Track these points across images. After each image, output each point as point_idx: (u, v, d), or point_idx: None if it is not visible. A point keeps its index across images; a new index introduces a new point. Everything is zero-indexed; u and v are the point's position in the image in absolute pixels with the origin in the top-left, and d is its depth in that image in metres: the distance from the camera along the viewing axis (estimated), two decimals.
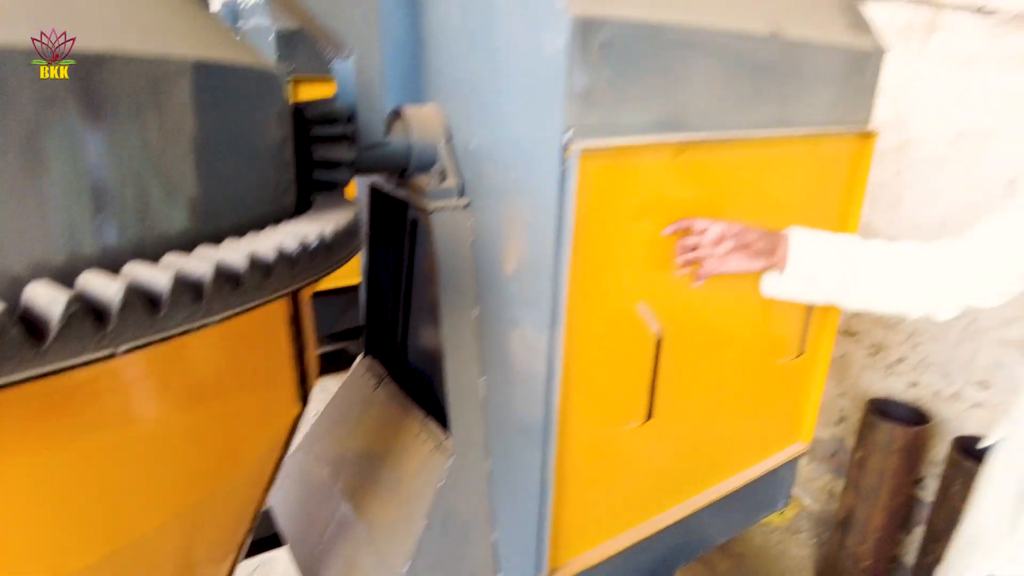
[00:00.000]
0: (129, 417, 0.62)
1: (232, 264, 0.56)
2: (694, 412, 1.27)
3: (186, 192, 0.62)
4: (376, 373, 1.48)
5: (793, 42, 1.13)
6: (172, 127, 0.61)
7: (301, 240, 0.65)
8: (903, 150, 2.24)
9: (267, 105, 0.77)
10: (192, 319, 0.53)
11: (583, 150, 0.87)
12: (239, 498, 0.83)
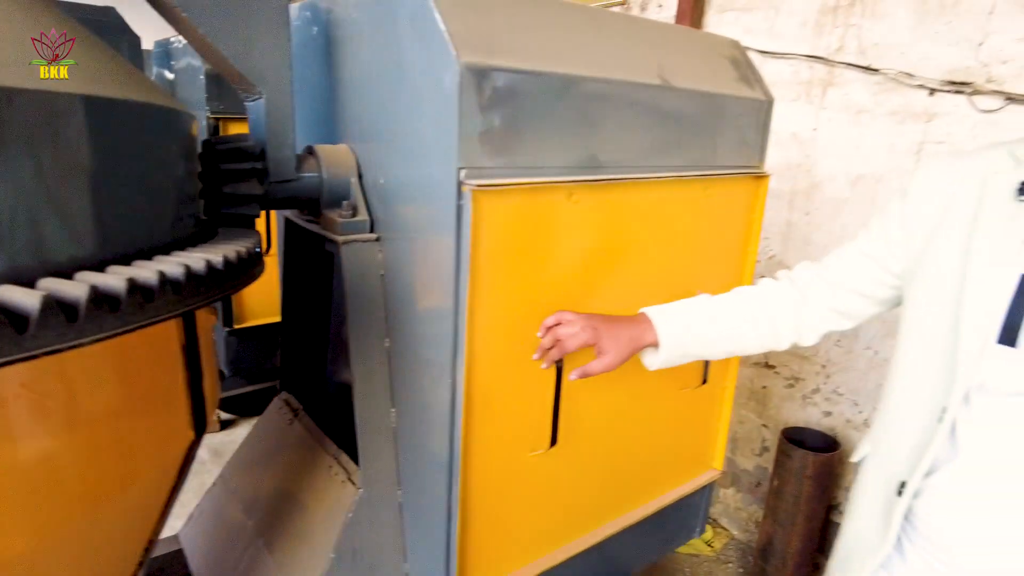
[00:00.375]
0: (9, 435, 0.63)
1: (110, 287, 0.59)
2: (600, 439, 1.32)
3: (81, 224, 0.65)
4: (292, 407, 1.48)
5: (684, 91, 1.23)
6: (66, 160, 0.63)
7: (185, 266, 0.68)
8: (811, 192, 2.40)
9: (167, 141, 0.80)
10: (63, 339, 0.55)
11: (476, 188, 0.93)
12: (130, 524, 0.83)
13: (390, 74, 1.07)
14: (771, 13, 2.44)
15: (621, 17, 1.25)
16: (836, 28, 2.25)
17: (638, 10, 2.97)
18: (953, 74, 1.96)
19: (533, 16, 1.08)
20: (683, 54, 1.28)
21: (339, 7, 1.20)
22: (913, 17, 2.04)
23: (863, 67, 2.18)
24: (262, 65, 1.06)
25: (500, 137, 0.97)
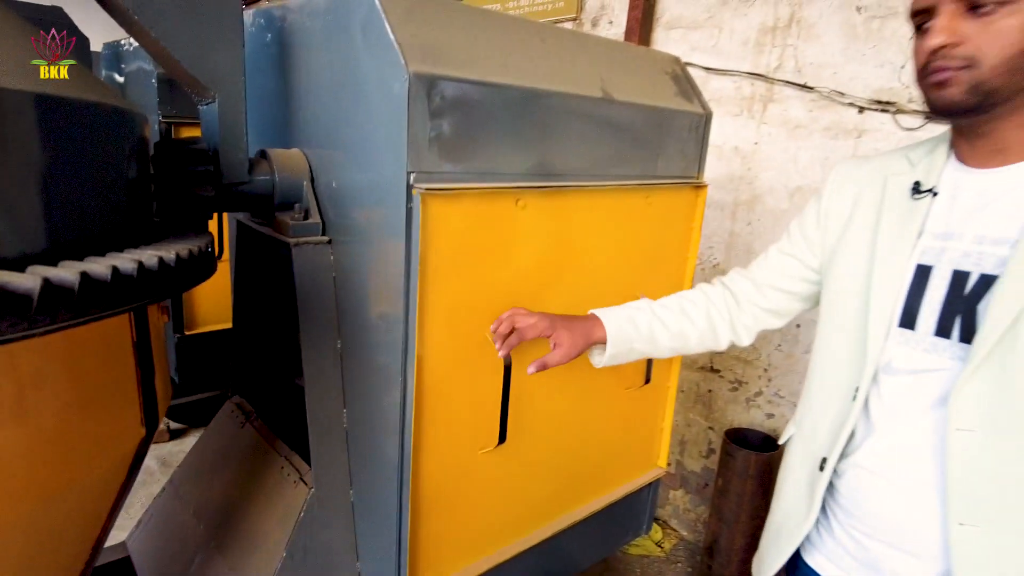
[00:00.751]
0: None
1: (63, 279, 0.60)
2: (548, 437, 1.36)
3: (31, 220, 0.66)
4: (244, 411, 1.48)
5: (625, 104, 1.29)
6: (16, 157, 0.65)
7: (138, 261, 0.70)
8: (753, 203, 2.51)
9: (119, 140, 0.82)
10: (14, 330, 0.56)
11: (426, 191, 0.97)
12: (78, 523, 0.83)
13: (342, 81, 1.11)
14: (715, 32, 2.56)
15: (565, 32, 1.31)
16: (775, 47, 2.37)
17: (589, 26, 3.06)
18: (879, 94, 2.10)
19: (482, 29, 1.13)
20: (625, 69, 1.35)
21: (292, 15, 1.22)
22: (843, 40, 2.17)
23: (800, 85, 2.30)
24: (215, 69, 1.07)
25: (449, 143, 1.02)
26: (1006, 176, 0.85)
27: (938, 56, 0.81)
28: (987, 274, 0.84)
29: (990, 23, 0.78)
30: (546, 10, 3.18)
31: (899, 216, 0.94)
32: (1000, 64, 0.79)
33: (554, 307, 1.24)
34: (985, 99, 0.81)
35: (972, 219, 0.88)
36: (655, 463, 1.72)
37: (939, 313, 0.88)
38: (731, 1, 2.49)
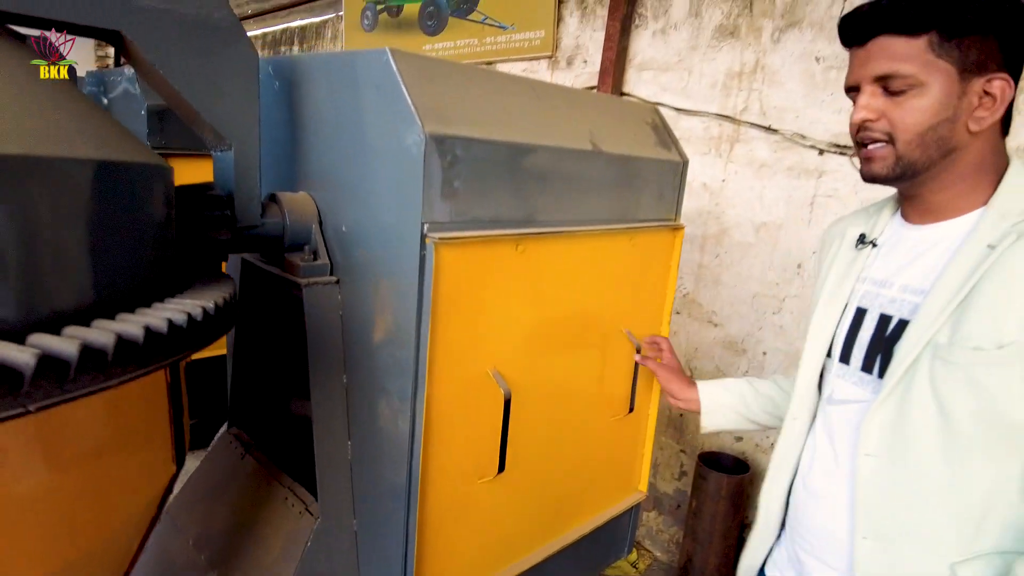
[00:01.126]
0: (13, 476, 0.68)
1: (131, 334, 0.66)
2: (540, 465, 1.44)
3: (77, 270, 0.71)
4: (242, 443, 1.52)
5: (612, 155, 1.40)
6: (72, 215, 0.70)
7: (188, 313, 0.75)
8: (721, 237, 2.65)
9: (155, 193, 0.88)
10: (95, 383, 0.62)
11: (439, 240, 1.05)
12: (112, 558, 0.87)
13: (353, 133, 1.18)
14: (684, 74, 2.71)
15: (557, 89, 1.41)
16: (741, 91, 2.53)
17: (565, 64, 3.20)
18: (837, 138, 2.26)
19: (483, 88, 1.22)
20: (610, 121, 1.46)
21: (302, 66, 1.30)
22: (804, 87, 2.34)
23: (764, 127, 2.46)
24: (233, 119, 1.13)
25: (457, 195, 1.10)
26: (933, 232, 0.96)
27: (864, 129, 0.91)
28: (903, 319, 0.95)
29: (901, 103, 0.88)
30: (523, 47, 3.31)
31: (845, 264, 1.07)
32: (914, 139, 0.88)
33: (547, 337, 1.33)
34: (905, 171, 0.91)
35: (903, 270, 0.98)
36: (636, 487, 1.80)
37: (865, 351, 1.00)
38: (700, 46, 2.65)
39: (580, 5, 3.11)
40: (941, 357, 0.87)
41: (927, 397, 0.88)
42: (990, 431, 0.85)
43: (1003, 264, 0.83)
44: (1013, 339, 0.81)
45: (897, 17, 0.87)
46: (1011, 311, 0.82)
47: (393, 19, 4.17)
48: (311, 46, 5.14)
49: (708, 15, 2.61)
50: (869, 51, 0.89)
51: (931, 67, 0.86)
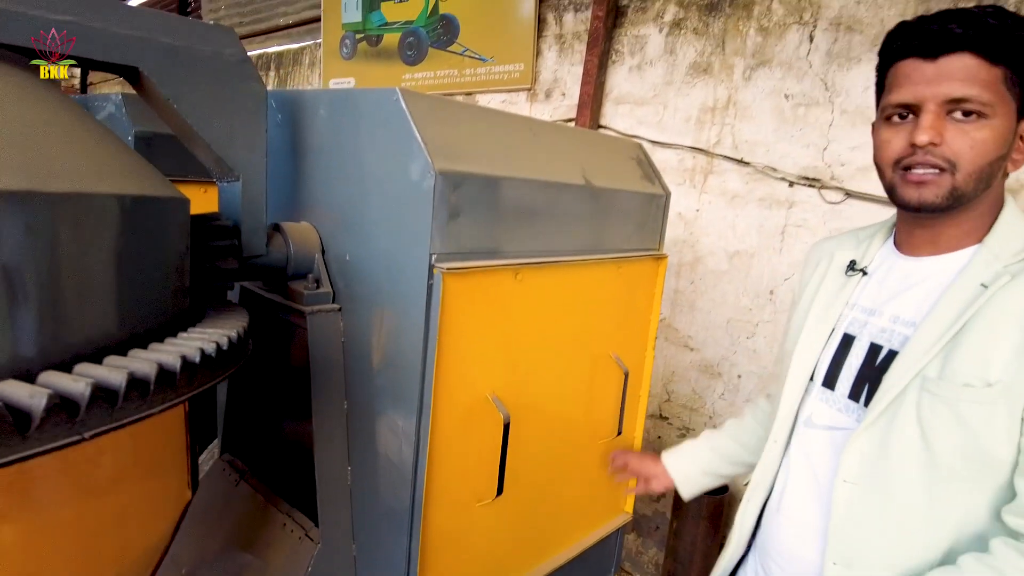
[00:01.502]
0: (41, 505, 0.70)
1: (169, 364, 0.69)
2: (535, 487, 1.48)
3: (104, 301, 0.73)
4: (236, 470, 1.53)
5: (602, 189, 1.47)
6: (98, 250, 0.73)
7: (217, 342, 0.79)
8: (695, 264, 2.75)
9: (174, 226, 0.91)
10: (140, 410, 0.65)
11: (445, 270, 1.09)
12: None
13: (359, 167, 1.22)
14: (660, 108, 2.83)
15: (551, 126, 1.48)
16: (714, 125, 2.65)
17: (543, 96, 3.30)
18: (806, 171, 2.39)
19: (483, 126, 1.28)
20: (599, 157, 1.53)
21: (306, 100, 1.34)
22: (774, 122, 2.47)
23: (737, 160, 2.58)
24: (242, 152, 1.17)
25: (462, 228, 1.15)
26: (930, 265, 0.96)
27: (922, 151, 0.85)
28: (893, 350, 0.94)
29: (969, 131, 0.83)
30: (503, 79, 3.40)
31: (833, 288, 1.07)
32: (974, 172, 0.85)
33: (545, 362, 1.38)
34: (955, 203, 0.87)
35: (893, 300, 0.98)
36: (622, 509, 1.85)
37: (853, 379, 0.99)
38: (675, 82, 2.77)
39: (558, 40, 3.23)
40: (929, 390, 0.87)
41: (912, 428, 0.89)
42: (970, 465, 0.86)
43: (994, 304, 0.84)
44: (998, 378, 0.82)
45: (988, 38, 0.82)
46: (997, 351, 0.83)
47: (372, 48, 4.23)
48: (288, 72, 5.17)
49: (682, 52, 2.74)
50: (943, 68, 0.83)
51: (1003, 100, 0.83)
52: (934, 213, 0.90)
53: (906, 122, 0.89)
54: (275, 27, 5.17)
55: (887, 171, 0.92)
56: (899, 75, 0.89)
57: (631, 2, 2.90)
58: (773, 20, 2.46)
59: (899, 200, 0.91)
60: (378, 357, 1.25)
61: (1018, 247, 0.88)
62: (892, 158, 0.90)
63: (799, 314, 1.14)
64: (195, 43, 1.06)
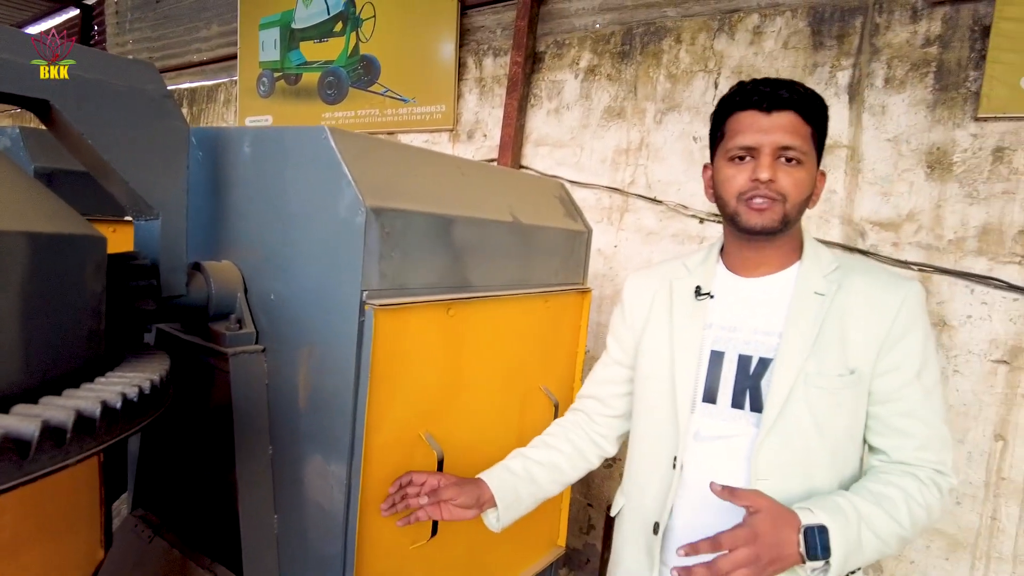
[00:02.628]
0: None
1: (89, 411, 0.65)
2: (469, 525, 1.46)
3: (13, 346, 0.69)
4: (150, 525, 1.43)
5: (529, 226, 1.51)
6: (7, 291, 0.69)
7: (139, 387, 0.75)
8: (615, 298, 2.84)
9: (90, 265, 0.87)
10: (54, 462, 0.61)
11: (377, 306, 1.09)
12: None
13: (284, 205, 1.21)
14: (577, 150, 2.95)
15: (479, 165, 1.52)
16: (629, 166, 2.79)
17: (465, 137, 3.37)
18: (714, 208, 2.54)
19: (411, 164, 1.30)
20: (525, 196, 1.58)
21: (229, 138, 1.32)
22: (684, 163, 2.62)
23: (650, 198, 2.71)
24: (161, 189, 1.13)
25: (394, 264, 1.15)
26: (769, 283, 1.14)
27: (763, 186, 1.04)
28: (764, 357, 1.09)
29: (792, 173, 1.05)
30: (424, 120, 3.45)
31: (688, 313, 1.18)
32: (798, 203, 1.06)
33: (478, 396, 1.38)
34: (785, 227, 1.07)
35: (747, 315, 1.13)
36: (555, 542, 1.85)
37: (732, 390, 1.11)
38: (591, 125, 2.90)
39: (479, 83, 3.32)
40: (815, 384, 1.05)
41: (806, 419, 1.05)
42: (852, 438, 1.09)
43: (834, 309, 1.07)
44: (855, 366, 1.05)
45: (808, 103, 1.05)
46: (850, 344, 1.06)
47: (291, 86, 4.20)
48: (201, 109, 5.03)
49: (597, 97, 2.88)
50: (775, 121, 1.04)
51: (811, 151, 1.07)
52: (770, 235, 1.09)
53: (745, 163, 1.07)
54: (188, 63, 5.03)
55: (731, 202, 1.10)
56: (741, 124, 1.07)
57: (548, 49, 3.03)
58: (680, 68, 2.64)
59: (743, 225, 1.08)
60: (305, 398, 1.22)
61: (827, 260, 1.13)
62: (736, 191, 1.08)
63: (655, 340, 1.22)
64: (112, 77, 1.03)
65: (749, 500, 0.97)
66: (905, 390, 1.06)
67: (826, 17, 2.34)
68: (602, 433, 1.36)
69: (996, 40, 2.03)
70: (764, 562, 0.93)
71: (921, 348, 1.06)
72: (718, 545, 0.95)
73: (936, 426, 1.07)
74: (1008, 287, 2.04)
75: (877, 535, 0.98)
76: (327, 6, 3.90)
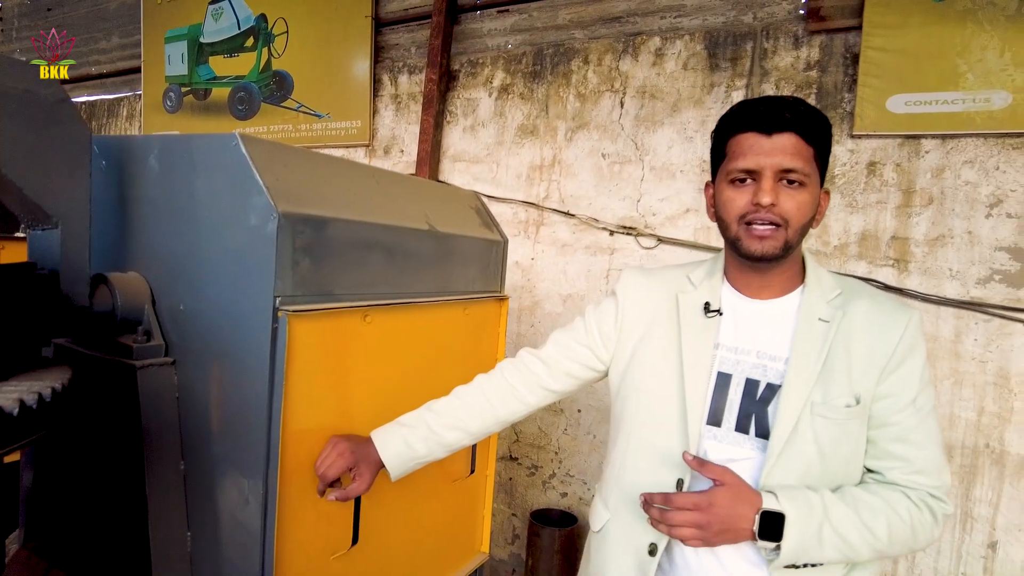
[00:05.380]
0: None
1: None
2: (391, 533, 1.46)
3: None
4: (44, 557, 1.34)
5: (446, 234, 1.55)
6: None
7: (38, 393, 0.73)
8: (534, 309, 2.92)
9: None
10: None
11: (291, 312, 1.09)
12: None
13: (194, 214, 1.19)
14: (493, 166, 3.02)
15: (393, 175, 1.55)
16: (543, 181, 2.88)
17: (382, 152, 3.37)
18: (623, 221, 2.67)
19: (325, 172, 1.31)
20: (441, 205, 1.62)
21: (135, 146, 1.28)
22: (594, 178, 2.74)
23: (564, 212, 2.81)
24: (61, 199, 1.09)
25: (308, 270, 1.16)
26: (774, 306, 1.11)
27: (764, 210, 1.01)
28: (772, 383, 1.06)
29: (795, 196, 1.02)
30: (340, 135, 3.43)
31: (698, 331, 1.12)
32: (800, 228, 1.03)
33: (397, 404, 1.39)
34: (787, 252, 1.04)
35: (753, 338, 1.10)
36: (479, 549, 1.87)
37: (737, 414, 1.08)
38: (505, 142, 2.98)
39: (394, 100, 3.34)
40: (820, 414, 1.03)
41: (810, 447, 1.03)
42: (850, 466, 1.07)
43: (840, 335, 1.05)
44: (859, 393, 1.04)
45: (809, 123, 1.02)
46: (853, 373, 1.04)
47: (200, 102, 4.07)
48: (102, 124, 4.78)
49: (511, 115, 2.96)
50: (776, 143, 1.01)
51: (814, 172, 1.04)
52: (771, 262, 1.06)
53: (747, 185, 1.04)
54: (86, 75, 4.78)
55: (733, 225, 1.07)
56: (742, 145, 1.04)
57: (462, 67, 3.10)
58: (589, 88, 2.76)
59: (744, 251, 1.06)
60: (219, 411, 1.19)
61: (829, 286, 1.11)
62: (737, 214, 1.05)
63: (657, 354, 1.17)
64: (5, 79, 0.99)
65: (717, 474, 0.99)
66: (900, 415, 1.05)
67: (720, 41, 2.52)
68: (529, 401, 1.30)
69: (864, 66, 2.26)
70: (714, 530, 0.97)
71: (919, 374, 1.06)
72: (670, 503, 0.99)
73: (930, 450, 1.06)
74: (884, 287, 2.25)
75: (842, 537, 0.99)
76: (238, 21, 3.83)
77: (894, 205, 2.27)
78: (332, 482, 1.20)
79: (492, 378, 1.36)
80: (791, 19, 2.41)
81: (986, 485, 2.14)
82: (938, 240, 2.21)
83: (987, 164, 2.14)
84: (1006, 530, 2.11)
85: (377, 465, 1.23)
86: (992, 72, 2.09)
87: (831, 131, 1.07)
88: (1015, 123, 2.07)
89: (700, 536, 0.98)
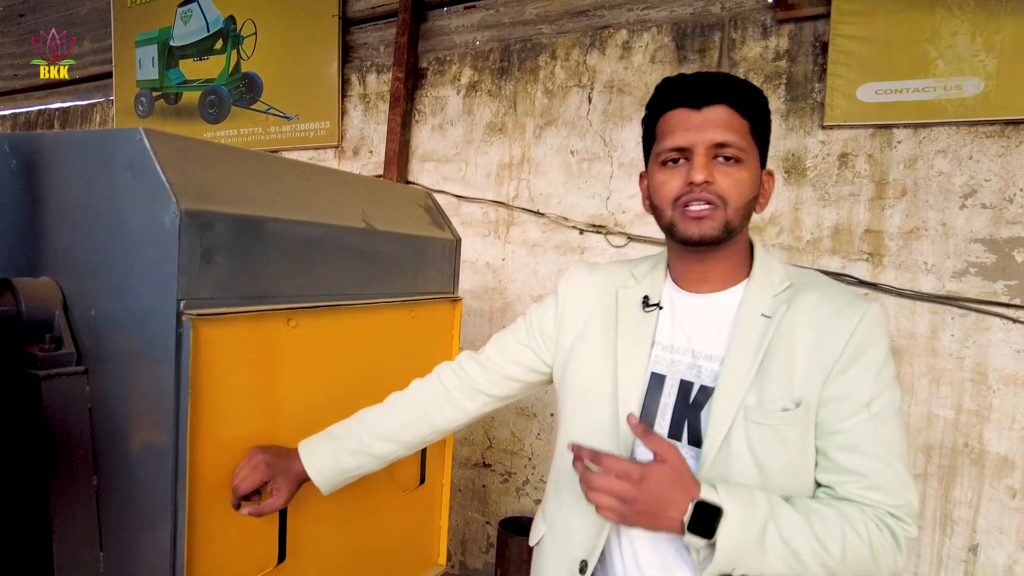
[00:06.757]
0: None
1: None
2: (329, 548, 1.39)
3: None
4: None
5: (385, 232, 1.48)
6: None
7: None
8: (505, 310, 2.85)
9: None
10: None
11: (196, 316, 1.03)
12: None
13: (106, 215, 1.13)
14: (462, 165, 2.96)
15: (328, 171, 1.48)
16: (512, 180, 2.82)
17: (351, 153, 3.31)
18: (593, 219, 2.60)
19: (250, 169, 1.24)
20: (384, 203, 1.55)
21: (45, 145, 1.22)
22: (563, 176, 2.67)
23: (533, 211, 2.75)
24: None
25: (220, 271, 1.09)
26: (713, 300, 1.02)
27: (699, 189, 0.93)
28: (705, 385, 0.97)
29: (731, 173, 0.94)
30: (309, 137, 3.37)
31: (635, 326, 1.05)
32: (740, 207, 0.95)
33: (329, 417, 1.32)
34: (728, 235, 0.95)
35: (688, 335, 1.01)
36: (435, 561, 1.80)
37: (670, 419, 0.99)
38: (474, 140, 2.92)
39: (363, 100, 3.28)
40: (754, 420, 0.93)
41: (745, 456, 0.93)
42: (792, 476, 0.94)
43: (781, 332, 0.95)
44: (800, 396, 0.92)
45: (741, 94, 0.95)
46: (795, 374, 0.93)
47: (171, 106, 4.01)
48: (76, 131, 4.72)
49: (479, 113, 2.90)
50: (707, 117, 0.93)
51: (752, 148, 0.96)
52: (711, 246, 0.97)
53: (679, 166, 0.96)
54: (58, 81, 4.71)
55: (667, 210, 0.98)
56: (671, 123, 0.97)
57: (430, 65, 3.04)
58: (556, 83, 2.70)
59: (680, 236, 0.97)
60: (132, 421, 1.12)
61: (779, 278, 1.00)
62: (671, 197, 0.97)
63: (594, 352, 1.09)
64: None
65: (661, 448, 0.88)
66: (849, 422, 0.92)
67: (688, 32, 2.46)
68: (467, 408, 1.23)
69: (834, 55, 2.20)
70: (637, 508, 0.86)
71: (874, 375, 0.93)
72: (598, 462, 0.88)
73: (889, 463, 0.92)
74: (858, 283, 2.19)
75: (789, 547, 0.87)
76: (207, 23, 3.77)
77: (867, 197, 2.20)
78: (249, 496, 1.13)
79: (428, 383, 1.30)
80: (759, 8, 2.35)
81: (966, 486, 2.07)
82: (912, 233, 2.14)
83: (960, 153, 2.07)
84: (987, 532, 2.04)
85: (298, 479, 1.16)
86: (963, 58, 2.03)
87: (767, 105, 0.99)
88: (987, 111, 2.01)
89: (619, 510, 0.87)
